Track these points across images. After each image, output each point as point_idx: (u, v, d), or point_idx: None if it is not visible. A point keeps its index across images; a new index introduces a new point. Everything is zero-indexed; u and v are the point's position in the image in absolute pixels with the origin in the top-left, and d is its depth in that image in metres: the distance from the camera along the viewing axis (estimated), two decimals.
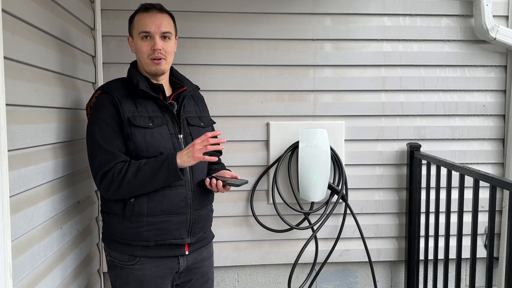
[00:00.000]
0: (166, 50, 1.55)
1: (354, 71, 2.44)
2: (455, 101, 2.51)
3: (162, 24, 1.54)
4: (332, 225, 2.47)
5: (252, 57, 2.37)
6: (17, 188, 1.32)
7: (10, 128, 1.28)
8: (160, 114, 1.56)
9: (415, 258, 2.44)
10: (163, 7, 1.59)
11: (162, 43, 1.54)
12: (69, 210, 1.79)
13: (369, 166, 2.49)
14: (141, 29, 1.53)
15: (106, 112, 1.52)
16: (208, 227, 1.71)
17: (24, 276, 1.35)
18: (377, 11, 2.43)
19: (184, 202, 1.56)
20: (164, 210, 1.53)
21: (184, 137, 1.59)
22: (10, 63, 1.32)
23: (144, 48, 1.54)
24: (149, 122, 1.53)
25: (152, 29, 1.52)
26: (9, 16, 1.31)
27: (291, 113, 2.41)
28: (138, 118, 1.52)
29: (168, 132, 1.56)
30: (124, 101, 1.53)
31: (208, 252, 1.73)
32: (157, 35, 1.53)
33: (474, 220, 1.78)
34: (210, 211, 1.71)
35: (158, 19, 1.54)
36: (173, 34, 1.60)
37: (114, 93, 1.54)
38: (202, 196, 1.62)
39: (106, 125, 1.51)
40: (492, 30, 2.38)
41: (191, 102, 1.70)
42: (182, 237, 1.57)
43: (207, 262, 1.71)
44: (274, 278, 2.52)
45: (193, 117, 1.66)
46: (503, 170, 2.55)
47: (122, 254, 1.56)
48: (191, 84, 1.70)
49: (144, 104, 1.55)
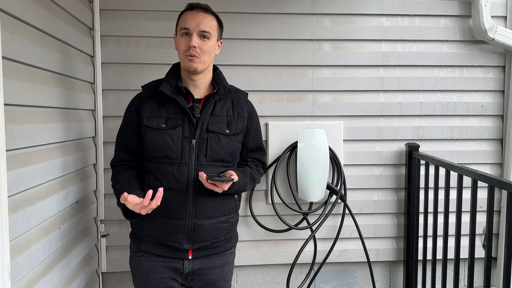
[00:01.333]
0: (202, 49, 1.55)
1: (353, 71, 2.44)
2: (454, 101, 2.51)
3: (202, 23, 1.55)
4: (331, 225, 2.47)
5: (251, 57, 2.37)
6: (16, 188, 1.33)
7: (9, 128, 1.28)
8: (179, 116, 1.57)
9: (413, 258, 2.45)
10: (209, 8, 1.61)
11: (198, 41, 1.54)
12: (68, 210, 1.79)
13: (367, 166, 2.49)
14: (182, 26, 1.57)
15: (130, 111, 1.67)
16: (219, 237, 1.62)
17: (22, 276, 1.35)
18: (375, 12, 2.43)
19: (182, 208, 1.55)
20: (163, 211, 1.54)
21: (198, 142, 1.56)
22: (8, 63, 1.32)
23: (181, 44, 1.57)
24: (162, 124, 1.56)
25: (191, 26, 1.54)
26: (7, 16, 1.31)
27: (289, 113, 2.41)
28: (153, 118, 1.57)
29: (182, 135, 1.55)
30: (148, 100, 1.61)
31: (221, 261, 1.66)
32: (195, 32, 1.54)
33: (472, 220, 1.78)
34: (223, 222, 1.62)
35: (199, 17, 1.55)
36: (213, 35, 1.59)
37: (144, 92, 1.65)
38: (207, 206, 1.57)
39: (126, 123, 1.67)
40: (490, 30, 2.38)
41: (225, 105, 1.65)
42: (180, 242, 1.56)
43: (218, 270, 1.65)
44: (273, 278, 2.52)
45: (218, 122, 1.60)
46: (502, 170, 2.55)
47: (134, 245, 1.64)
48: (225, 88, 1.64)
49: (167, 105, 1.59)
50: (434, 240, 2.15)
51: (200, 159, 1.56)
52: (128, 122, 1.66)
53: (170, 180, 1.55)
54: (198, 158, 1.56)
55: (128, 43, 2.28)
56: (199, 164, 1.56)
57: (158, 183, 1.55)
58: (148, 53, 2.29)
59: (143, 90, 1.66)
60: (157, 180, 1.56)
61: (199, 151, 1.56)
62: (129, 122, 1.65)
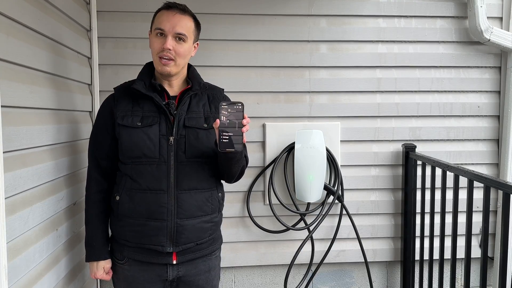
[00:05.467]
0: (177, 51, 1.48)
1: (350, 72, 2.45)
2: (450, 102, 2.53)
3: (178, 25, 1.48)
4: (328, 225, 2.47)
5: (248, 58, 2.37)
6: (13, 190, 1.32)
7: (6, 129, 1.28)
8: (155, 114, 1.51)
9: (410, 258, 2.45)
10: (186, 9, 1.53)
11: (173, 44, 1.48)
12: (65, 211, 1.79)
13: (364, 166, 2.50)
14: (157, 26, 1.49)
15: (102, 113, 1.58)
16: (203, 238, 1.56)
17: (19, 278, 1.35)
18: (372, 13, 2.44)
19: (163, 208, 1.48)
20: (142, 213, 1.49)
21: (176, 139, 1.50)
22: (5, 65, 1.32)
23: (155, 44, 1.50)
24: (138, 122, 1.50)
25: (167, 27, 1.47)
26: (4, 18, 1.32)
27: (287, 114, 2.42)
28: (127, 117, 1.51)
29: (159, 133, 1.50)
30: (122, 100, 1.54)
31: (207, 266, 1.60)
32: (170, 34, 1.47)
33: (468, 220, 1.79)
34: (206, 222, 1.56)
35: (176, 18, 1.48)
36: (189, 38, 1.52)
37: (117, 92, 1.58)
38: (190, 205, 1.51)
39: (98, 127, 1.59)
40: (486, 31, 2.40)
41: (201, 101, 1.59)
42: (162, 245, 1.49)
43: (204, 276, 1.60)
44: (271, 279, 2.53)
45: (194, 118, 1.54)
46: (498, 171, 2.56)
47: (115, 251, 1.59)
48: (200, 83, 1.60)
49: (142, 104, 1.52)
50: (431, 240, 2.16)
51: (179, 157, 1.50)
52: (101, 125, 1.57)
53: (149, 180, 1.48)
54: (177, 156, 1.50)
55: (125, 45, 2.28)
56: (178, 162, 1.50)
57: (136, 184, 1.50)
58: (146, 55, 2.27)
59: (116, 91, 1.59)
60: (135, 181, 1.50)
61: (177, 149, 1.50)
62: (103, 124, 1.56)
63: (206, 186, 1.56)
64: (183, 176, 1.51)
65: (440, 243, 2.03)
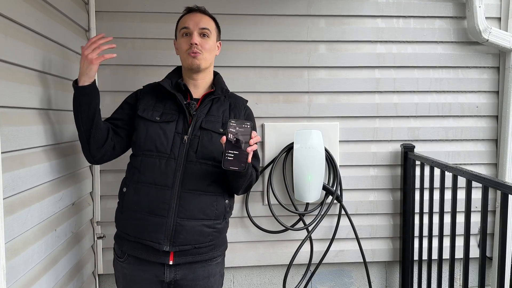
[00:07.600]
0: (203, 46, 1.59)
1: (348, 72, 2.45)
2: (449, 102, 2.53)
3: (201, 21, 1.60)
4: (327, 226, 2.48)
5: (247, 58, 2.38)
6: (11, 190, 1.32)
7: (4, 130, 1.28)
8: (175, 112, 1.58)
9: (409, 258, 2.46)
10: (206, 10, 1.67)
11: (199, 39, 1.59)
12: (64, 212, 1.79)
13: (363, 167, 2.50)
14: (182, 26, 1.62)
15: (131, 96, 1.72)
16: (202, 242, 1.54)
17: (18, 279, 1.35)
18: (370, 13, 2.45)
19: (165, 205, 1.49)
20: (145, 207, 1.50)
21: (190, 138, 1.54)
22: (3, 65, 1.32)
23: (183, 44, 1.61)
24: (157, 117, 1.57)
25: (191, 25, 1.59)
26: (2, 18, 1.31)
27: (285, 114, 2.42)
28: (148, 111, 1.60)
29: (175, 130, 1.55)
30: (146, 95, 1.65)
31: (206, 272, 1.58)
32: (195, 30, 1.59)
33: (467, 220, 1.79)
34: (208, 226, 1.54)
35: (198, 17, 1.62)
36: (212, 34, 1.64)
37: (144, 88, 1.71)
38: (192, 205, 1.51)
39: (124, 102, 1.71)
40: (484, 31, 2.40)
41: (222, 107, 1.64)
42: (159, 242, 1.49)
43: (202, 282, 1.57)
44: (270, 279, 2.53)
45: (212, 121, 1.58)
46: (496, 171, 2.57)
47: (117, 247, 1.62)
48: (222, 89, 1.67)
49: (165, 102, 1.61)
50: (429, 240, 2.16)
51: (190, 156, 1.53)
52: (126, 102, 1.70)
53: (156, 174, 1.51)
54: (188, 154, 1.53)
55: (124, 45, 2.28)
56: (188, 160, 1.52)
57: (143, 177, 1.52)
58: (144, 55, 2.29)
59: (144, 87, 1.72)
60: (142, 174, 1.52)
61: (189, 147, 1.53)
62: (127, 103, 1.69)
63: (212, 190, 1.56)
64: (190, 175, 1.52)
65: (438, 243, 2.04)
